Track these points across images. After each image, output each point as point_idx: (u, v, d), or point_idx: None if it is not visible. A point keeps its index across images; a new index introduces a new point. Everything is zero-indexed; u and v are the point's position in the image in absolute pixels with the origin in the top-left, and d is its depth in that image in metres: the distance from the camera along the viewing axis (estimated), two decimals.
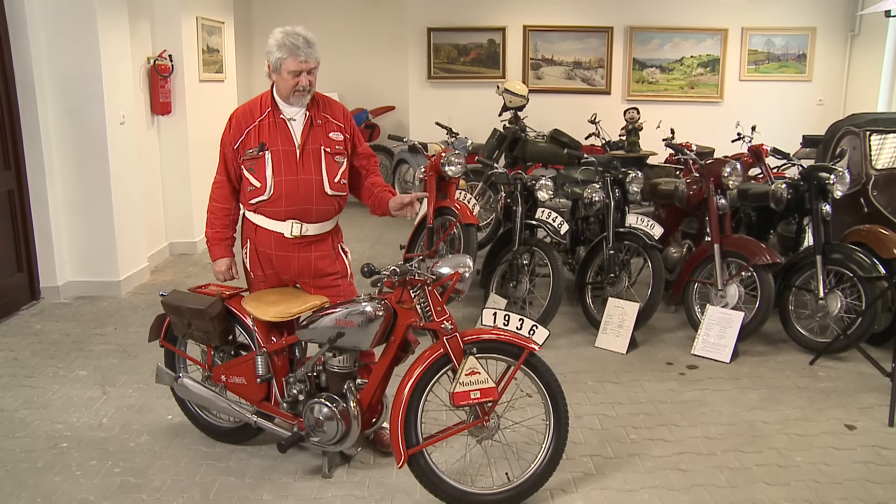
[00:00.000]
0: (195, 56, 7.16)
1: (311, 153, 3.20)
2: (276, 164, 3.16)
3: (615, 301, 4.85)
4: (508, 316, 2.93)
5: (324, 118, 3.27)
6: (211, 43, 7.53)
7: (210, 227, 3.36)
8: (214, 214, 3.35)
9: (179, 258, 7.10)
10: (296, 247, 3.25)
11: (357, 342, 2.88)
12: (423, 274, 2.84)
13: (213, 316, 3.15)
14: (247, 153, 3.19)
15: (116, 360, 4.52)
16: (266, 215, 3.23)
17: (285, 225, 3.21)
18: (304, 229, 3.22)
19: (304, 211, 3.20)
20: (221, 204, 3.33)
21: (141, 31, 6.57)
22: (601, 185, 5.16)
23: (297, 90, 3.13)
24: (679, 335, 4.98)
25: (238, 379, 3.23)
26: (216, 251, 3.36)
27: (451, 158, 5.27)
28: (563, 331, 5.05)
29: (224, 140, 3.28)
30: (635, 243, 4.98)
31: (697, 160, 5.38)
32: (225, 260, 3.36)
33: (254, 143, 3.18)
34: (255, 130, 3.19)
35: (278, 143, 3.18)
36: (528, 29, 9.28)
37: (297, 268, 3.29)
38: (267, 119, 3.20)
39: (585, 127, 8.31)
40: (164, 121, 6.94)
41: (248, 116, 3.23)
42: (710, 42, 9.20)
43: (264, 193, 3.17)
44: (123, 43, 5.92)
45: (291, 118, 3.21)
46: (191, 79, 7.05)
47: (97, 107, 5.55)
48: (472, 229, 5.15)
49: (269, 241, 3.26)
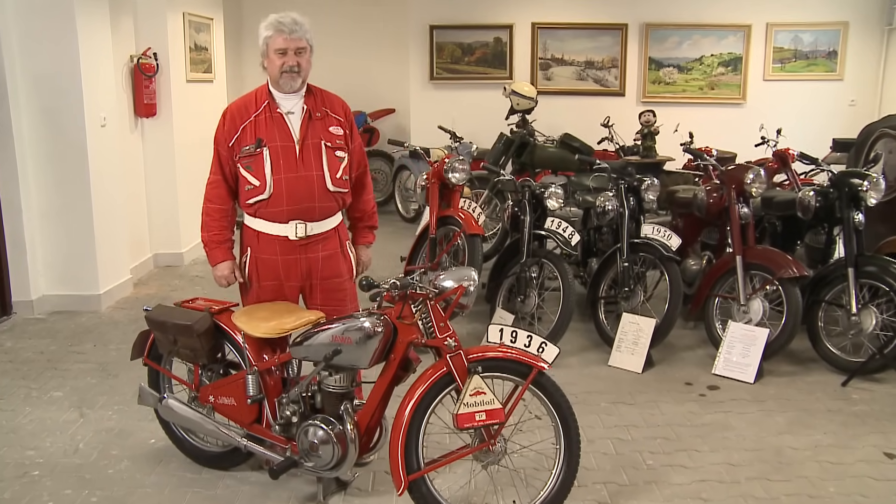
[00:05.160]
0: (182, 55, 7.21)
1: (311, 148, 3.24)
2: (274, 160, 3.19)
3: (630, 317, 4.85)
4: (516, 332, 2.94)
5: (322, 111, 3.31)
6: (199, 41, 7.59)
7: (206, 230, 3.37)
8: (210, 216, 3.36)
9: (165, 270, 7.12)
10: (302, 249, 3.28)
11: (355, 360, 2.89)
12: (424, 288, 2.85)
13: (200, 332, 3.17)
14: (243, 150, 3.22)
15: (95, 380, 4.53)
16: (267, 218, 3.25)
17: (289, 227, 3.24)
18: (309, 229, 3.26)
19: (307, 210, 3.23)
20: (217, 204, 3.35)
21: (123, 27, 6.61)
22: (615, 193, 5.17)
23: (284, 71, 3.18)
24: (699, 353, 4.98)
25: (227, 400, 3.24)
26: (216, 255, 3.37)
27: (454, 165, 5.30)
28: (575, 348, 5.06)
29: (218, 137, 3.31)
30: (651, 255, 4.99)
31: (718, 166, 5.39)
32: (226, 263, 3.37)
33: (250, 139, 3.21)
34: (251, 126, 3.23)
35: (276, 138, 3.21)
36: (537, 26, 9.33)
37: (304, 271, 3.32)
38: (263, 114, 3.24)
39: (598, 131, 8.32)
40: (148, 123, 6.98)
41: (244, 111, 3.26)
42: (732, 39, 9.22)
43: (263, 192, 3.20)
44: (104, 40, 5.96)
45: (289, 112, 3.25)
46: (177, 79, 7.10)
47: (76, 108, 5.58)
48: (477, 240, 5.16)
49: (274, 246, 3.28)
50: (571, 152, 7.21)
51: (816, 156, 5.95)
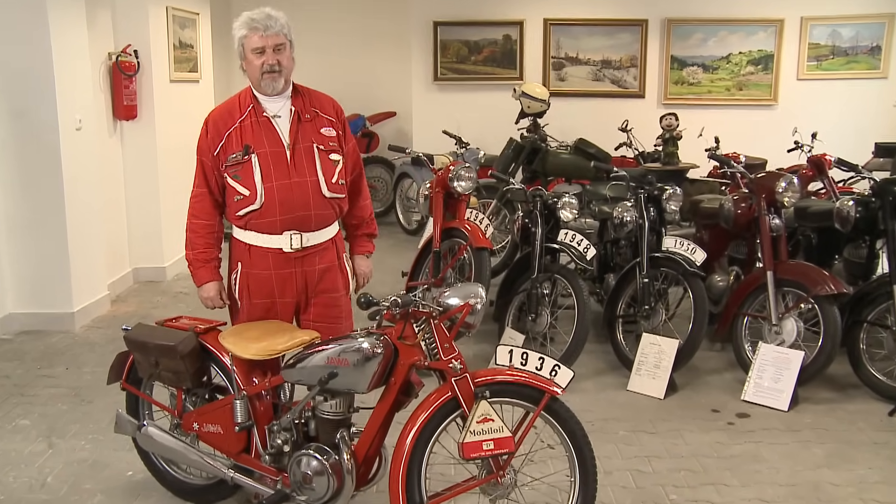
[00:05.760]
0: (165, 52, 7.26)
1: (303, 153, 3.26)
2: (264, 167, 3.22)
3: (650, 337, 4.85)
4: (526, 354, 2.94)
5: (312, 112, 3.33)
6: (183, 37, 7.64)
7: (191, 247, 3.39)
8: (195, 233, 3.38)
9: (145, 286, 7.14)
10: (297, 262, 3.30)
11: (352, 384, 2.89)
12: (428, 305, 2.86)
13: (184, 354, 3.18)
14: (230, 158, 3.24)
15: (67, 407, 4.54)
16: (259, 230, 3.27)
17: (283, 238, 3.25)
18: (305, 240, 3.27)
19: (302, 219, 3.25)
20: (203, 220, 3.37)
21: (101, 22, 6.65)
22: (634, 203, 5.19)
23: (264, 71, 3.21)
24: (726, 378, 4.98)
25: (213, 427, 3.24)
26: (201, 275, 3.39)
27: (460, 172, 5.32)
28: (590, 372, 5.06)
29: (201, 147, 3.33)
30: (674, 270, 5.00)
31: (746, 174, 5.40)
32: (213, 284, 3.40)
33: (237, 146, 3.24)
34: (236, 133, 3.25)
35: (265, 144, 3.23)
36: (550, 23, 9.36)
37: (300, 285, 3.33)
38: (249, 119, 3.27)
39: (615, 136, 8.35)
40: (128, 126, 7.02)
41: (227, 118, 3.29)
42: (763, 35, 9.21)
43: (254, 202, 3.22)
44: (80, 35, 5.99)
45: (276, 115, 3.27)
46: (160, 78, 7.15)
47: (48, 109, 5.61)
48: (485, 254, 5.17)
49: (267, 260, 3.29)
50: (587, 159, 7.24)
51: (856, 162, 5.95)
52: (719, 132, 7.89)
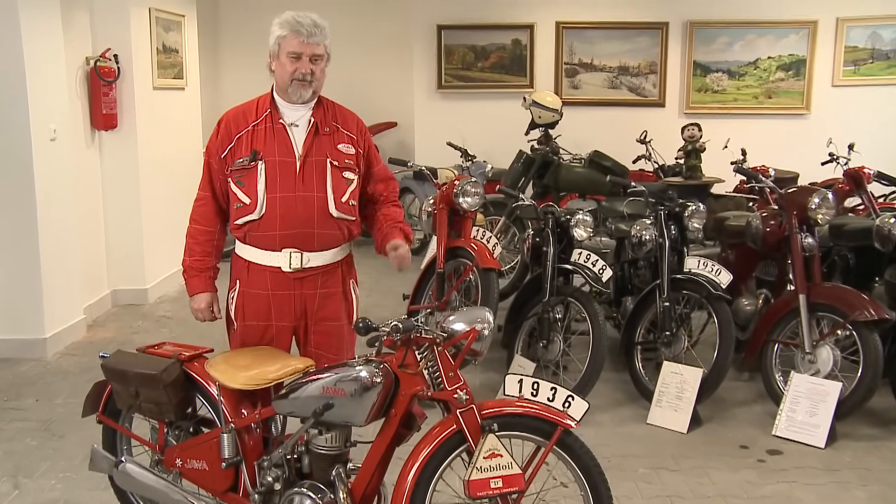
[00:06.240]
0: (148, 57, 7.31)
1: (315, 166, 3.29)
2: (270, 176, 3.25)
3: (672, 366, 4.85)
4: (538, 384, 2.94)
5: (332, 126, 3.37)
6: (168, 41, 7.69)
7: (188, 253, 3.44)
8: (194, 238, 3.43)
9: (125, 309, 7.15)
10: (297, 283, 3.31)
11: (349, 416, 2.89)
12: (431, 331, 2.87)
13: (168, 383, 3.18)
14: (236, 163, 3.28)
15: (36, 442, 4.53)
16: (258, 245, 3.30)
17: (282, 256, 3.28)
18: (306, 260, 3.29)
19: (304, 236, 3.27)
20: (203, 226, 3.42)
21: (78, 24, 6.68)
22: (653, 221, 5.21)
23: (295, 78, 3.23)
24: (756, 411, 4.96)
25: (198, 463, 3.24)
26: (194, 284, 3.43)
27: (466, 188, 5.34)
28: (607, 403, 5.05)
29: (210, 148, 3.38)
30: (697, 293, 5.00)
31: (776, 188, 5.42)
32: (204, 295, 3.42)
33: (245, 151, 3.28)
34: (247, 136, 3.29)
35: (275, 152, 3.27)
36: (562, 26, 9.42)
37: (298, 309, 3.34)
38: (263, 124, 3.31)
39: (633, 148, 8.38)
40: (107, 137, 7.05)
41: (241, 120, 3.33)
42: (794, 38, 9.24)
43: (254, 212, 3.25)
44: (55, 39, 6.02)
45: (293, 123, 3.31)
46: (142, 85, 7.19)
47: (20, 118, 5.63)
48: (493, 275, 5.18)
49: (265, 279, 3.31)
50: (602, 173, 7.25)
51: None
52: (746, 144, 7.89)
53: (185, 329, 6.42)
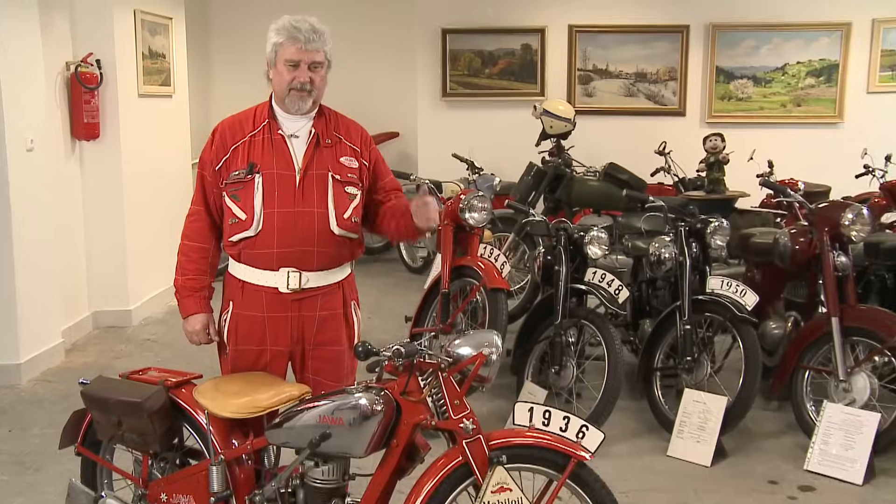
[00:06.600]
0: (132, 62, 7.34)
1: (315, 180, 3.29)
2: (267, 190, 3.25)
3: (694, 394, 4.84)
4: (549, 412, 2.95)
5: (334, 138, 3.38)
6: (154, 45, 7.73)
7: (181, 272, 3.44)
8: (187, 256, 3.44)
9: (107, 332, 7.15)
10: (295, 305, 3.32)
11: (347, 447, 2.89)
12: (435, 356, 2.87)
13: (153, 411, 3.17)
14: (231, 176, 3.29)
15: (8, 477, 4.51)
16: (253, 264, 3.30)
17: (279, 276, 3.28)
18: (305, 280, 3.29)
19: (302, 255, 3.27)
20: (197, 242, 3.42)
21: (57, 27, 6.70)
22: (673, 238, 5.21)
23: (293, 87, 3.25)
24: (785, 443, 4.95)
25: (184, 498, 3.23)
26: (188, 305, 3.43)
27: (472, 202, 5.35)
28: (624, 433, 5.05)
29: (203, 159, 3.39)
30: (720, 316, 5.00)
31: (806, 203, 5.43)
32: (199, 317, 3.43)
33: (241, 163, 3.29)
34: (244, 147, 3.31)
35: (273, 165, 3.28)
36: (576, 30, 9.45)
37: (295, 333, 3.34)
38: (261, 135, 3.32)
39: (651, 160, 8.39)
40: (88, 147, 7.07)
41: (238, 130, 3.35)
42: (826, 42, 9.21)
43: (249, 228, 3.26)
44: (33, 42, 6.04)
45: (293, 135, 3.32)
46: (126, 92, 7.22)
47: None
48: (501, 296, 5.19)
49: (260, 300, 3.32)
50: (618, 187, 7.27)
51: None
52: (773, 155, 7.90)
53: (171, 353, 6.43)
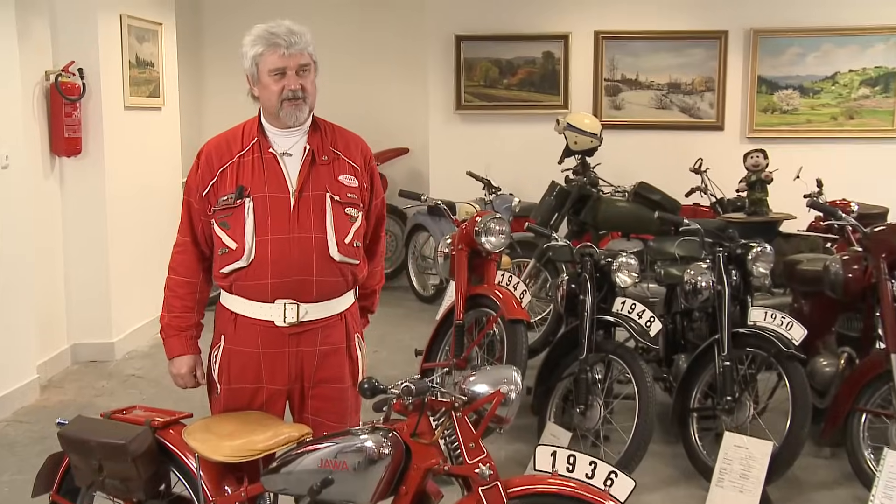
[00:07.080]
0: (118, 72, 7.40)
1: (312, 202, 3.29)
2: (259, 216, 3.25)
3: (735, 437, 4.81)
4: (574, 457, 2.93)
5: (331, 154, 3.37)
6: (142, 53, 7.80)
7: (167, 309, 3.45)
8: (173, 292, 3.44)
9: (87, 367, 7.17)
10: (293, 339, 3.31)
11: (352, 494, 2.88)
12: (448, 394, 2.88)
13: (137, 455, 3.18)
14: (219, 201, 3.29)
15: None
16: (247, 296, 3.30)
17: (275, 308, 3.27)
18: (303, 312, 3.28)
19: (300, 285, 3.26)
20: (183, 276, 3.43)
21: (36, 33, 6.75)
22: (711, 265, 5.21)
23: (285, 98, 3.24)
24: (840, 495, 4.92)
25: None
26: (173, 346, 3.44)
27: (489, 225, 5.37)
28: (657, 481, 5.03)
29: (189, 185, 3.40)
30: (764, 351, 4.98)
31: (860, 227, 5.41)
32: (185, 359, 3.43)
33: (230, 187, 3.29)
34: (231, 170, 3.30)
35: (265, 187, 3.27)
36: (602, 36, 9.47)
37: (294, 370, 3.34)
38: (250, 154, 3.32)
39: (686, 178, 8.39)
40: (69, 164, 7.11)
41: (225, 151, 3.35)
42: (882, 48, 9.14)
43: (241, 258, 3.25)
44: (9, 50, 6.10)
45: (285, 153, 3.32)
46: (111, 104, 7.28)
47: None
48: (520, 328, 5.19)
49: (254, 335, 3.31)
50: (649, 208, 7.26)
51: None
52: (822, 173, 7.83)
53: (158, 390, 6.44)
